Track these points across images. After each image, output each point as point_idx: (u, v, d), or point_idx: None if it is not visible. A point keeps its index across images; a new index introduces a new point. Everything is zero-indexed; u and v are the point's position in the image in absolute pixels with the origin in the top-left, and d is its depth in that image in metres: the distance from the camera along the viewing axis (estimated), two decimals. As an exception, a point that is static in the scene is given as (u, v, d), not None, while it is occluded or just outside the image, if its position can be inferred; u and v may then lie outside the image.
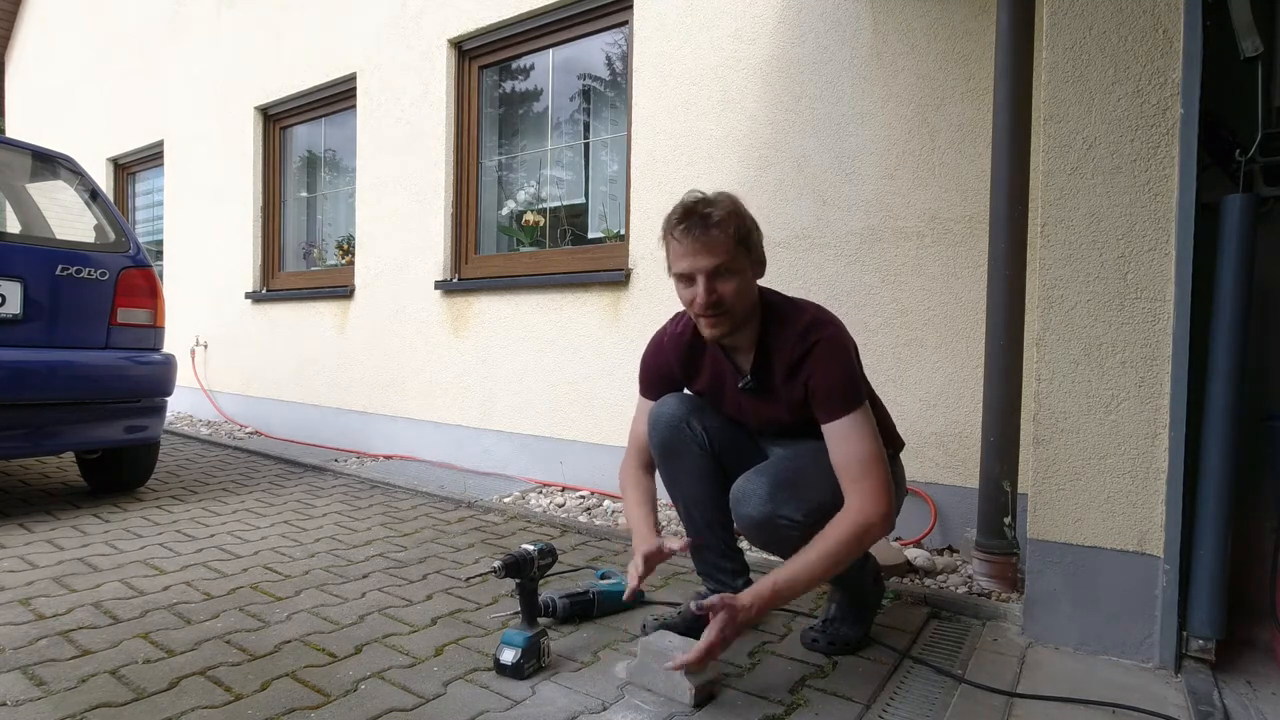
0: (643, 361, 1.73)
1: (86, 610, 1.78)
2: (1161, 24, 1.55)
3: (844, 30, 2.63)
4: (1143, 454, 1.58)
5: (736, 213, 1.45)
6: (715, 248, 1.42)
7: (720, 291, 1.43)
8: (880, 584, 1.73)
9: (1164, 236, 1.56)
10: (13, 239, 2.73)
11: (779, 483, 1.45)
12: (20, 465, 3.64)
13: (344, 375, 4.44)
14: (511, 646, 1.47)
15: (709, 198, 1.46)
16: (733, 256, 1.43)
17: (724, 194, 1.48)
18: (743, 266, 1.45)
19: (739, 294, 1.45)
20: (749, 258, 1.47)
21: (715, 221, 1.41)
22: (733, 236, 1.43)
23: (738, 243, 1.44)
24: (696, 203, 1.44)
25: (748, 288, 1.48)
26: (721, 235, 1.42)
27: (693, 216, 1.42)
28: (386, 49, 4.14)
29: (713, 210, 1.42)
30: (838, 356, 1.45)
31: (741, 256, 1.45)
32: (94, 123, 6.70)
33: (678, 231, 1.43)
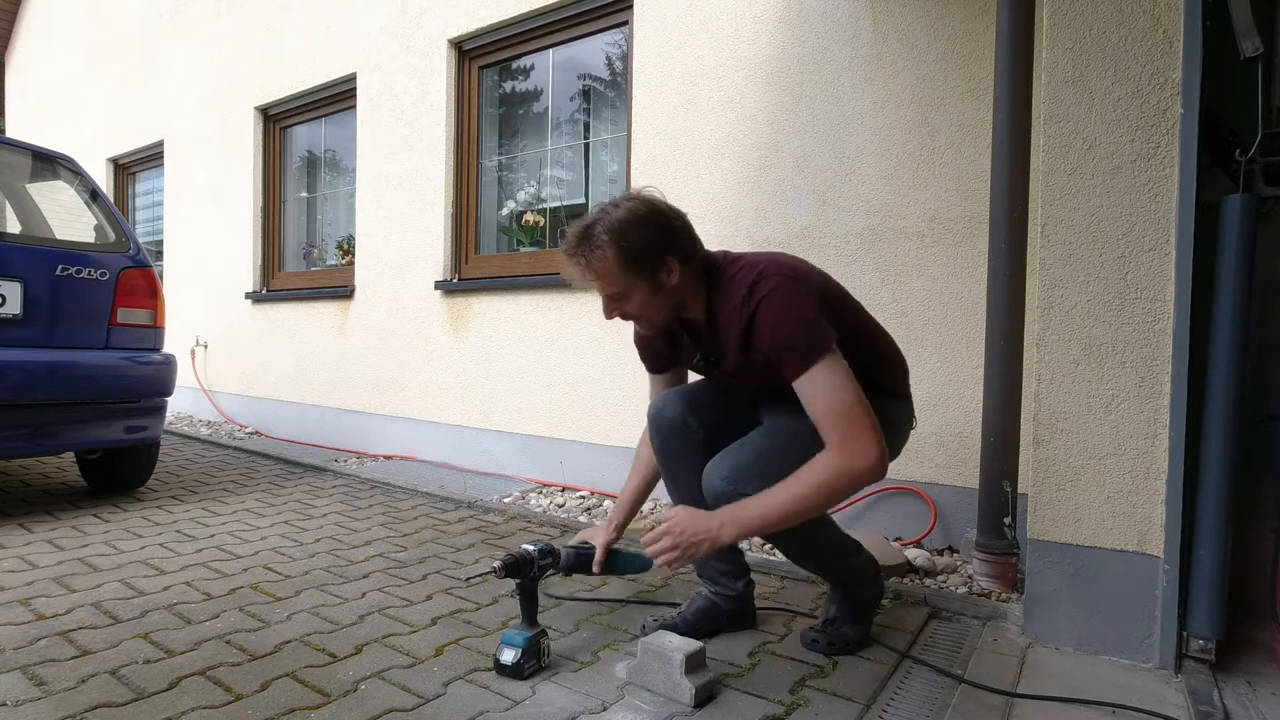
0: (634, 340, 1.76)
1: (86, 610, 1.78)
2: (1161, 24, 1.55)
3: (844, 30, 2.63)
4: (1143, 454, 1.58)
5: (614, 243, 1.40)
6: (599, 284, 1.44)
7: (621, 310, 1.48)
8: (880, 584, 1.73)
9: (1164, 236, 1.56)
10: (13, 239, 2.72)
11: (740, 462, 1.45)
12: (20, 465, 3.64)
13: (344, 375, 4.44)
14: (511, 646, 1.47)
15: (585, 234, 1.43)
16: (620, 285, 1.43)
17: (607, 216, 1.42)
18: (635, 287, 1.43)
19: (644, 307, 1.46)
20: (644, 274, 1.43)
21: (590, 264, 1.42)
22: (615, 267, 1.41)
23: (624, 271, 1.41)
24: (572, 243, 1.44)
25: (654, 298, 1.46)
26: (601, 270, 1.42)
27: (569, 261, 1.44)
28: (386, 49, 4.14)
29: (585, 255, 1.42)
30: (783, 313, 1.37)
31: (632, 280, 1.42)
32: (94, 123, 6.70)
33: (566, 265, 1.46)
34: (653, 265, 1.43)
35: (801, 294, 1.39)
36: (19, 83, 8.04)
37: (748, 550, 2.00)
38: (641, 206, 1.44)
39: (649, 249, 1.42)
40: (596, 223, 1.43)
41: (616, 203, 1.45)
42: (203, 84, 5.46)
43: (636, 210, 1.43)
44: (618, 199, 1.47)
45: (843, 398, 1.32)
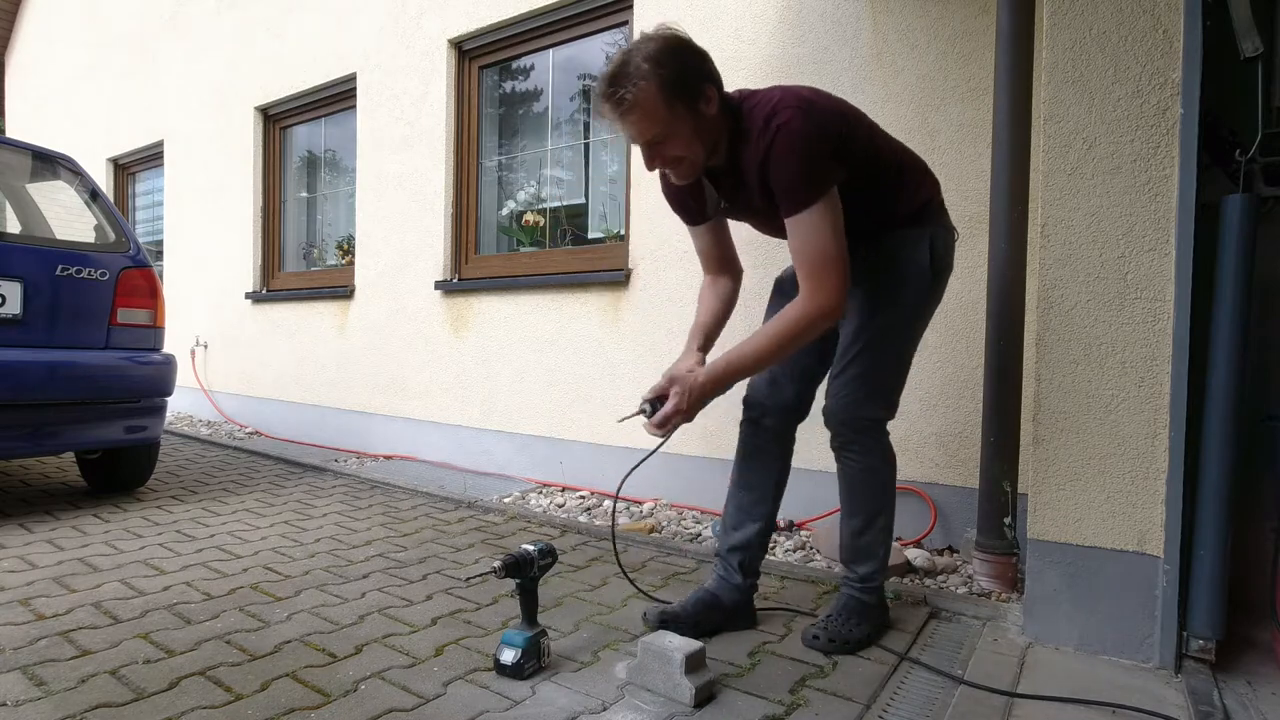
0: (662, 190, 1.72)
1: (86, 610, 1.78)
2: (1161, 24, 1.55)
3: (844, 30, 2.63)
4: (1143, 454, 1.58)
5: (656, 75, 1.34)
6: (641, 125, 1.37)
7: (664, 155, 1.43)
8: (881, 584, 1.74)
9: (1164, 236, 1.56)
10: (13, 239, 2.73)
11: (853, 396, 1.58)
12: (20, 465, 3.64)
13: (344, 375, 4.44)
14: (511, 646, 1.47)
15: (621, 70, 1.36)
16: (663, 121, 1.37)
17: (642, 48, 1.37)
18: (678, 121, 1.38)
19: (687, 144, 1.41)
20: (686, 104, 1.38)
21: (634, 98, 1.34)
22: (657, 99, 1.35)
23: (667, 102, 1.36)
24: (606, 84, 1.36)
25: (695, 134, 1.41)
26: (644, 104, 1.35)
27: (604, 99, 1.37)
28: (386, 49, 4.14)
29: (624, 91, 1.34)
30: (792, 148, 1.37)
31: (675, 112, 1.37)
32: (94, 123, 6.70)
33: (595, 108, 1.40)
34: (693, 93, 1.38)
35: (812, 130, 1.38)
36: (19, 83, 8.04)
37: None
38: (672, 37, 1.40)
39: (689, 75, 1.38)
40: (630, 58, 1.36)
41: (643, 38, 1.39)
42: (203, 84, 5.46)
43: (670, 40, 1.39)
44: (641, 37, 1.41)
45: (822, 248, 1.39)
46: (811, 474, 2.48)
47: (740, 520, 1.73)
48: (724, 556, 1.74)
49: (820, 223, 1.38)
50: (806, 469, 1.89)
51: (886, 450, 1.68)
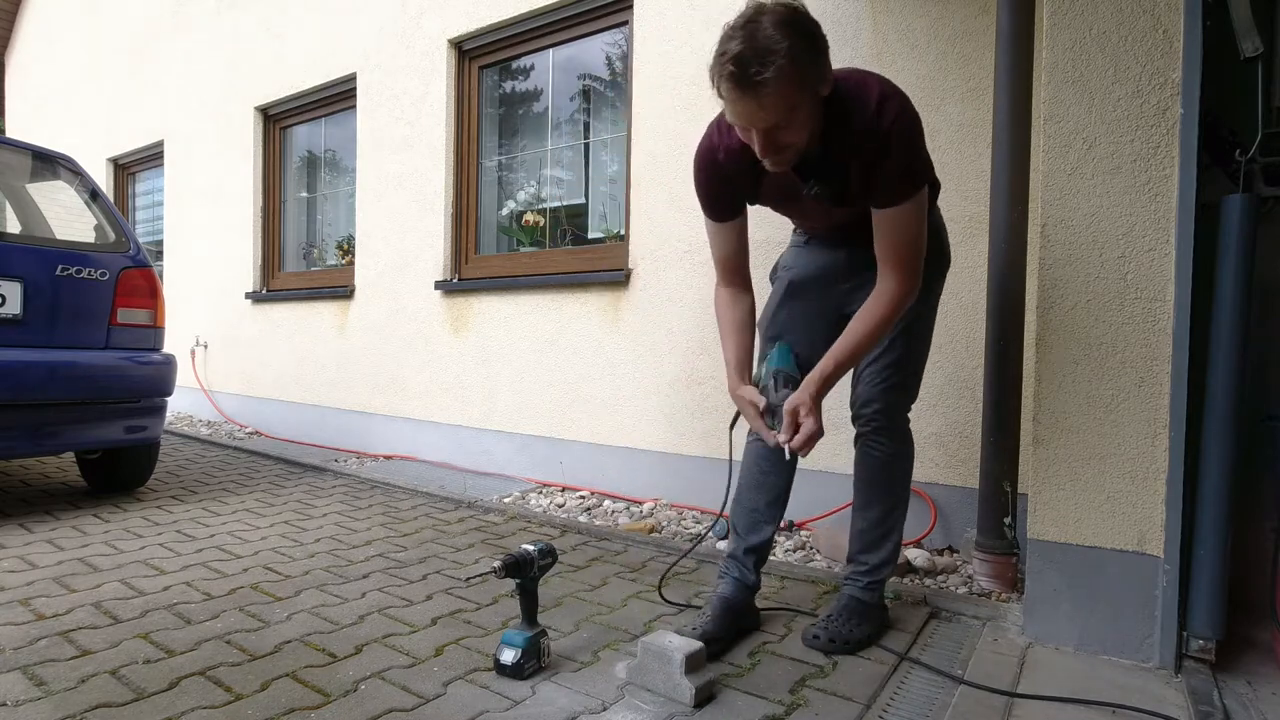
0: (696, 180, 1.59)
1: (86, 610, 1.78)
2: (1161, 24, 1.55)
3: (844, 30, 2.63)
4: (1143, 454, 1.58)
5: (792, 54, 1.20)
6: (768, 109, 1.24)
7: (781, 142, 1.31)
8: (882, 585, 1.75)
9: (1164, 236, 1.56)
10: (13, 239, 2.72)
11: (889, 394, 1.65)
12: (20, 465, 3.64)
13: (344, 375, 4.44)
14: (511, 646, 1.47)
15: (758, 46, 1.19)
16: (794, 108, 1.26)
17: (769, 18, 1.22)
18: (804, 104, 1.27)
19: (803, 128, 1.31)
20: (812, 93, 1.27)
21: (767, 86, 1.20)
22: (792, 88, 1.22)
23: (800, 89, 1.24)
24: (741, 59, 1.20)
25: (810, 118, 1.31)
26: (777, 97, 1.22)
27: (738, 81, 1.21)
28: (386, 49, 4.14)
29: (763, 71, 1.19)
30: (913, 137, 1.38)
31: (802, 102, 1.26)
32: (94, 123, 6.70)
33: (724, 89, 1.24)
34: (821, 70, 1.28)
35: (918, 122, 1.39)
36: (19, 83, 8.04)
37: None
38: (791, 6, 1.25)
39: (822, 52, 1.27)
40: (756, 33, 1.20)
41: (759, 9, 1.23)
42: (203, 84, 5.46)
43: (799, 9, 1.26)
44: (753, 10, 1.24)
45: (921, 233, 1.45)
46: (811, 474, 2.48)
47: (756, 523, 1.73)
48: (740, 559, 1.73)
49: (919, 212, 1.43)
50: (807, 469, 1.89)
51: (910, 437, 1.74)
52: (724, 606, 1.67)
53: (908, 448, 1.74)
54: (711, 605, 1.68)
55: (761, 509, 1.73)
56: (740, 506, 1.76)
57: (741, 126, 1.33)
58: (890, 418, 1.68)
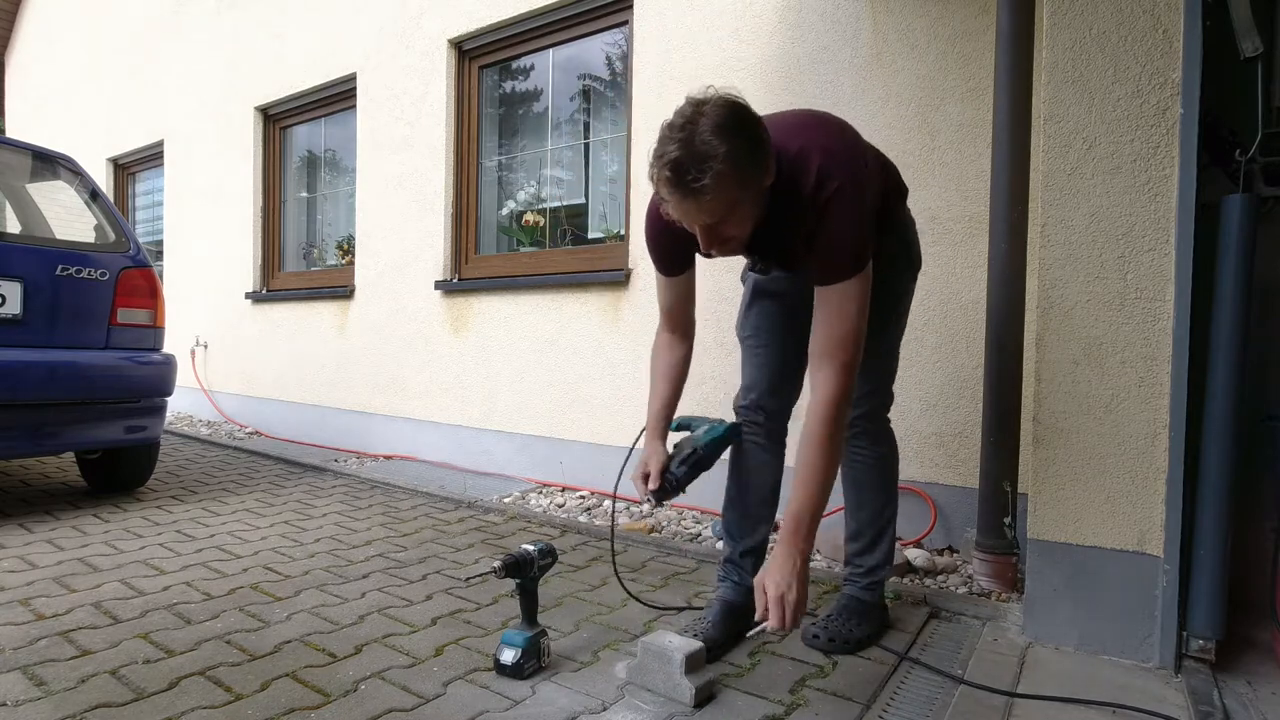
0: (646, 235, 1.58)
1: (86, 610, 1.78)
2: (1161, 24, 1.55)
3: (844, 30, 2.63)
4: (1143, 454, 1.58)
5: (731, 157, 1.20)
6: (706, 211, 1.26)
7: (723, 235, 1.32)
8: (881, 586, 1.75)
9: (1164, 236, 1.56)
10: (13, 239, 2.73)
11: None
12: (20, 465, 3.64)
13: (344, 375, 4.44)
14: (511, 646, 1.47)
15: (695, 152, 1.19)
16: (734, 206, 1.26)
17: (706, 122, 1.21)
18: (745, 201, 1.28)
19: (744, 221, 1.32)
20: (754, 183, 1.27)
21: (705, 192, 1.21)
22: (731, 188, 1.23)
23: (740, 185, 1.24)
24: (678, 165, 1.20)
25: (754, 209, 1.31)
26: (715, 199, 1.23)
27: (675, 185, 1.22)
28: (386, 49, 4.14)
29: (700, 178, 1.20)
30: (846, 219, 1.31)
31: (746, 192, 1.26)
32: (94, 123, 6.70)
33: (662, 192, 1.25)
34: (761, 167, 1.27)
35: (861, 197, 1.34)
36: (19, 83, 8.04)
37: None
38: (730, 103, 1.25)
39: (759, 149, 1.26)
40: (694, 133, 1.20)
41: (698, 110, 1.23)
42: (203, 84, 5.46)
43: (731, 108, 1.24)
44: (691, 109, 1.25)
45: (859, 324, 1.35)
46: (811, 474, 2.47)
47: (749, 526, 1.72)
48: (736, 562, 1.72)
49: (854, 297, 1.34)
50: (806, 469, 1.92)
51: (893, 438, 1.74)
52: (725, 610, 1.67)
53: (890, 448, 1.74)
54: (712, 609, 1.68)
55: (753, 509, 1.72)
56: (731, 508, 1.75)
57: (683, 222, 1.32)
58: (869, 421, 1.68)
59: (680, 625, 1.69)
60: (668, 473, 1.59)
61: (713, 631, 1.60)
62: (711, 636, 1.57)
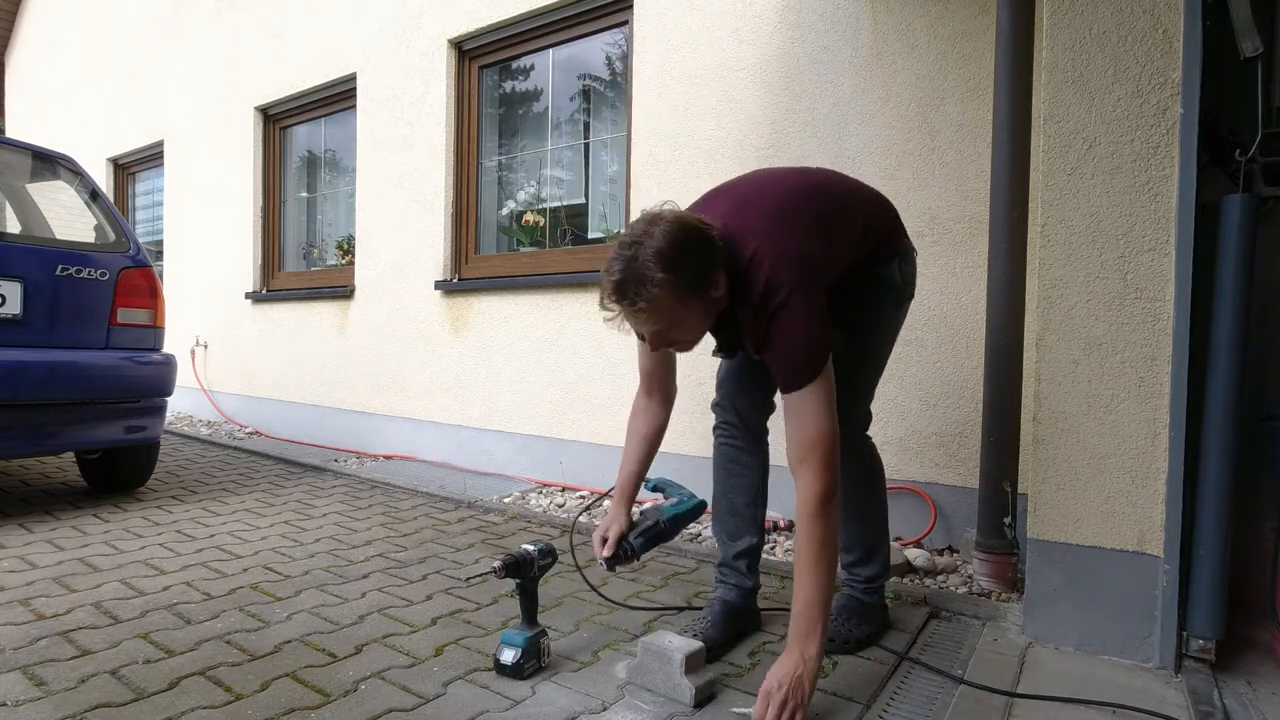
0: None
1: (86, 610, 1.78)
2: (1161, 24, 1.55)
3: (844, 30, 2.63)
4: (1143, 454, 1.58)
5: (669, 280, 1.28)
6: (648, 324, 1.34)
7: (671, 339, 1.40)
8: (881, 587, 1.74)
9: (1164, 236, 1.56)
10: (13, 239, 2.73)
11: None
12: (20, 465, 3.64)
13: (344, 375, 4.44)
14: (511, 646, 1.47)
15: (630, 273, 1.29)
16: (675, 316, 1.34)
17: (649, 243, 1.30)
18: (689, 313, 1.36)
19: (694, 329, 1.40)
20: (698, 297, 1.34)
21: (644, 312, 1.31)
22: (671, 302, 1.31)
23: (680, 302, 1.32)
24: (620, 285, 1.30)
25: (705, 317, 1.40)
26: (659, 309, 1.31)
27: (617, 301, 1.32)
28: (386, 49, 4.14)
29: (638, 300, 1.29)
30: (793, 332, 1.34)
31: (687, 306, 1.34)
32: (94, 123, 6.70)
33: (607, 304, 1.34)
34: (705, 285, 1.34)
35: (810, 308, 1.34)
36: (19, 83, 8.04)
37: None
38: (678, 228, 1.33)
39: (700, 272, 1.33)
40: (637, 256, 1.29)
41: (647, 231, 1.32)
42: (203, 84, 5.46)
43: (676, 234, 1.32)
44: (642, 225, 1.35)
45: (818, 428, 1.33)
46: (811, 474, 2.48)
47: (740, 529, 1.72)
48: (731, 564, 1.72)
49: (816, 400, 1.33)
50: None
51: (872, 450, 1.72)
52: (725, 610, 1.67)
53: (871, 461, 1.71)
54: (712, 609, 1.68)
55: (741, 510, 1.72)
56: (719, 512, 1.75)
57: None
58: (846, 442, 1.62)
59: (680, 625, 1.69)
60: (625, 541, 1.62)
61: (712, 631, 1.60)
62: (711, 636, 1.57)
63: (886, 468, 1.77)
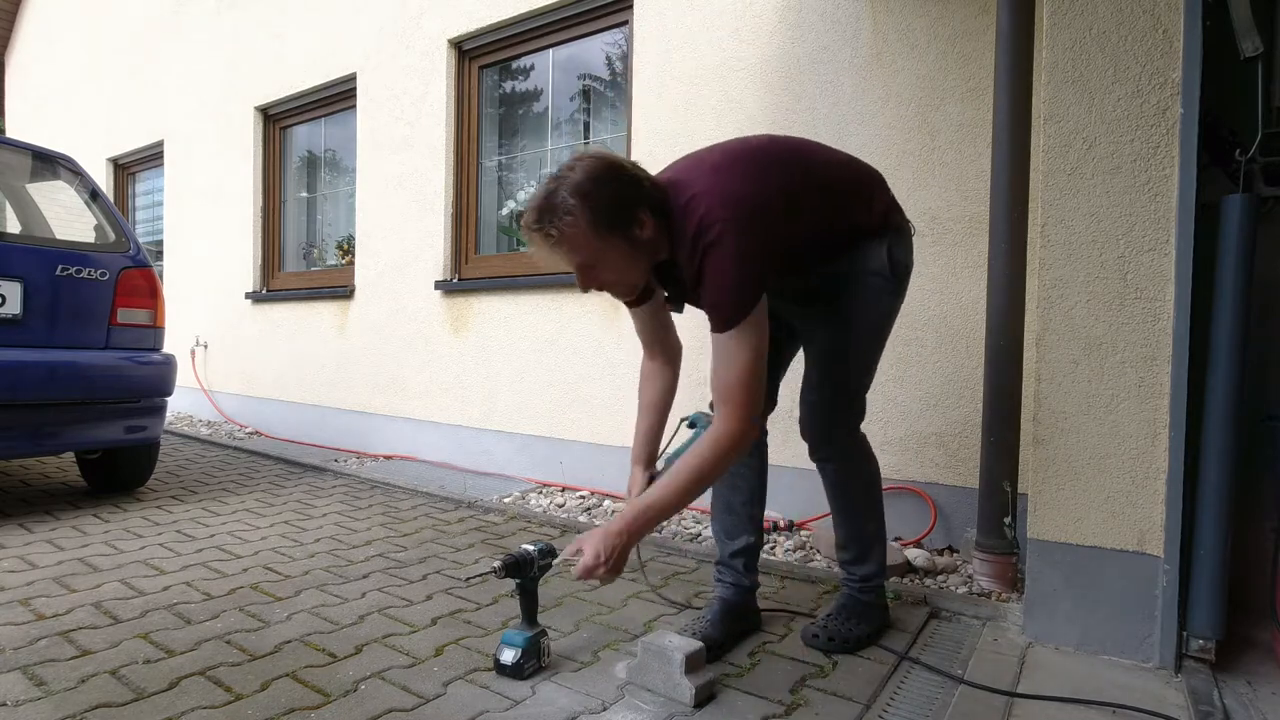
0: None
1: (86, 610, 1.78)
2: (1161, 24, 1.55)
3: (844, 30, 2.63)
4: (1143, 454, 1.58)
5: (583, 205, 1.31)
6: (572, 249, 1.35)
7: (600, 280, 1.42)
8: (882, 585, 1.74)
9: (1164, 236, 1.56)
10: (13, 239, 2.72)
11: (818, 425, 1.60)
12: (20, 465, 3.64)
13: (344, 375, 4.44)
14: (511, 647, 1.47)
15: (548, 203, 1.33)
16: (594, 250, 1.35)
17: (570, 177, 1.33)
18: (611, 249, 1.36)
19: (622, 271, 1.41)
20: (619, 233, 1.35)
21: (562, 232, 1.33)
22: (587, 231, 1.33)
23: (598, 234, 1.33)
24: (533, 217, 1.34)
25: (631, 258, 1.40)
26: (573, 237, 1.33)
27: (530, 231, 1.35)
28: (386, 49, 4.14)
29: (550, 226, 1.33)
30: (720, 270, 1.33)
31: (607, 241, 1.35)
32: (94, 123, 6.70)
33: (523, 236, 1.38)
34: (625, 221, 1.36)
35: (742, 248, 1.33)
36: (19, 83, 8.03)
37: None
38: (600, 163, 1.37)
39: (620, 205, 1.35)
40: (558, 188, 1.33)
41: (570, 165, 1.36)
42: (203, 84, 5.46)
43: (596, 167, 1.35)
44: (569, 161, 1.38)
45: (738, 373, 1.35)
46: (811, 474, 2.46)
47: (737, 527, 1.72)
48: (728, 564, 1.73)
49: (740, 346, 1.34)
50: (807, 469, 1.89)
51: (864, 448, 1.69)
52: (724, 609, 1.67)
53: (861, 463, 1.69)
54: (711, 609, 1.68)
55: (738, 508, 1.72)
56: (717, 511, 1.75)
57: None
58: (833, 443, 1.65)
59: (680, 625, 1.69)
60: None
61: (712, 631, 1.60)
62: (711, 636, 1.57)
63: (886, 468, 1.78)
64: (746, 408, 1.35)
